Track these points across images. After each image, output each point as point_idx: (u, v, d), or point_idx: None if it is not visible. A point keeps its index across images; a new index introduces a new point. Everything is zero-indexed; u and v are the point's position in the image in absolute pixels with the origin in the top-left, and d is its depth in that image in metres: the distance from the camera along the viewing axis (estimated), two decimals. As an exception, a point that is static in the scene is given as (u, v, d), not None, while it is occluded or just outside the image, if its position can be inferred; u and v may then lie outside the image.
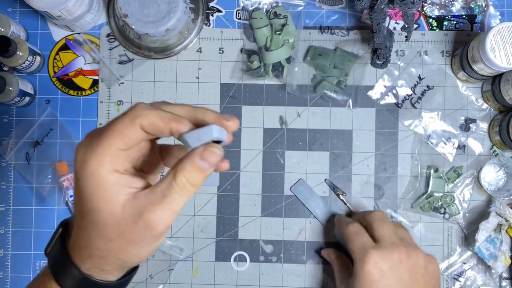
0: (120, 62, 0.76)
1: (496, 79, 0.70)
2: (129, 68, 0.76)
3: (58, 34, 0.77)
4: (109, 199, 0.37)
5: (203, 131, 0.38)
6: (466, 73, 0.71)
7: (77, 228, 0.39)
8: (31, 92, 0.75)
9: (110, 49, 0.76)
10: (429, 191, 0.72)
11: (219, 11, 0.77)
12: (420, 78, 0.75)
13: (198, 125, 0.39)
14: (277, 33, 0.73)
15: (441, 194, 0.72)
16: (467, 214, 0.73)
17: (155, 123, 0.37)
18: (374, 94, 0.75)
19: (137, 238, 0.37)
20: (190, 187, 0.37)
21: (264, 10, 0.75)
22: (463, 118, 0.74)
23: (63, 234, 0.41)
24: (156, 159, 0.43)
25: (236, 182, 0.74)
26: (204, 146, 0.37)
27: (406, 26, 0.68)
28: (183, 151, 0.42)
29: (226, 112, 0.75)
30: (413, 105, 0.75)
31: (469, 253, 0.73)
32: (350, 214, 0.74)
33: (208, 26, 0.77)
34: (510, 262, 0.70)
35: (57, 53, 0.77)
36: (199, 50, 0.76)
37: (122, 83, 0.76)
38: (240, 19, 0.77)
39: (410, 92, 0.75)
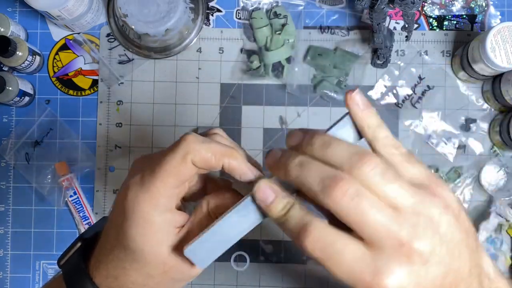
0: (120, 62, 0.76)
1: (496, 79, 0.70)
2: (129, 68, 0.76)
3: (58, 34, 0.77)
4: (158, 242, 0.36)
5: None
6: (467, 73, 0.71)
7: (109, 256, 0.37)
8: (31, 92, 0.75)
9: (110, 49, 0.76)
10: (429, 191, 0.72)
11: (219, 11, 0.77)
12: (420, 78, 0.75)
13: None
14: (277, 33, 0.73)
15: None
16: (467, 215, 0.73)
17: (207, 159, 0.35)
18: (374, 94, 0.75)
19: (181, 278, 0.37)
20: None
21: (264, 10, 0.75)
22: (463, 118, 0.74)
23: (82, 250, 0.40)
24: (200, 189, 0.42)
25: (236, 182, 0.74)
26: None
27: (406, 26, 0.68)
28: (227, 185, 0.41)
29: (226, 112, 0.75)
30: (413, 105, 0.74)
31: (469, 253, 0.73)
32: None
33: (208, 26, 0.77)
34: (511, 262, 0.70)
35: (56, 53, 0.77)
36: (199, 50, 0.76)
37: (122, 83, 0.76)
38: (240, 19, 0.76)
39: (410, 92, 0.75)
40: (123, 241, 0.36)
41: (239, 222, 0.34)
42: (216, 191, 0.39)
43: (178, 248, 0.36)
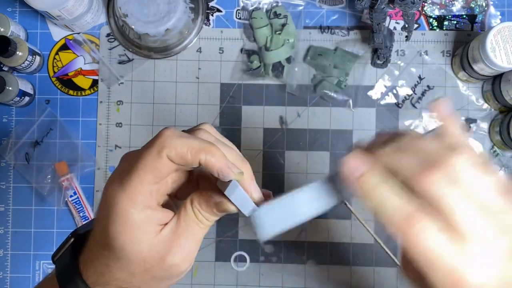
0: (120, 62, 0.76)
1: (496, 79, 0.70)
2: (129, 68, 0.76)
3: (58, 34, 0.77)
4: (137, 240, 0.35)
5: (245, 198, 0.35)
6: (467, 73, 0.71)
7: (95, 253, 0.38)
8: (31, 92, 0.75)
9: (110, 49, 0.76)
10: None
11: (219, 11, 0.77)
12: (420, 78, 0.75)
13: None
14: (277, 33, 0.73)
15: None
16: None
17: (182, 154, 0.34)
18: (374, 94, 0.75)
19: (163, 275, 0.37)
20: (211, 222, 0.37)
21: (264, 10, 0.75)
22: (463, 118, 0.74)
23: (75, 246, 0.40)
24: (193, 186, 0.40)
25: (236, 182, 0.74)
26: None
27: (407, 26, 0.68)
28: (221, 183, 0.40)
29: (226, 112, 0.75)
30: (413, 105, 0.74)
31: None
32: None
33: (208, 26, 0.77)
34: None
35: (56, 53, 0.77)
36: (199, 50, 0.76)
37: (122, 83, 0.76)
38: (240, 19, 0.76)
39: (410, 92, 0.75)
40: (106, 239, 0.36)
41: (312, 200, 0.33)
42: (205, 189, 0.38)
43: (160, 245, 0.36)
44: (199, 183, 0.40)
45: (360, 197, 0.32)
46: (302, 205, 0.33)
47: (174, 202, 0.40)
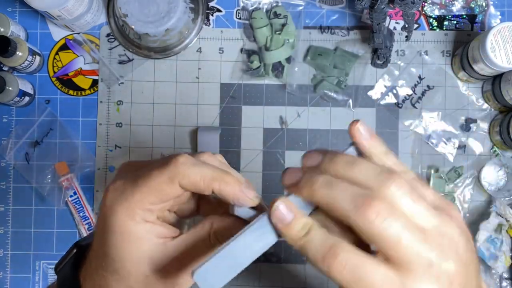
0: (120, 62, 0.76)
1: (496, 79, 0.70)
2: (129, 68, 0.76)
3: (58, 34, 0.77)
4: (136, 251, 0.35)
5: (254, 216, 0.35)
6: (467, 73, 0.71)
7: (94, 265, 0.37)
8: (31, 92, 0.75)
9: (110, 49, 0.76)
10: (429, 191, 0.72)
11: (219, 11, 0.77)
12: (420, 78, 0.75)
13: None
14: (277, 33, 0.73)
15: (442, 194, 0.72)
16: (467, 214, 0.73)
17: (196, 183, 0.34)
18: (374, 94, 0.75)
19: None
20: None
21: (264, 10, 0.75)
22: (463, 118, 0.74)
23: (77, 257, 0.39)
24: (191, 205, 0.41)
25: (236, 182, 0.74)
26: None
27: (407, 26, 0.68)
28: (221, 205, 0.39)
29: (226, 112, 0.75)
30: (413, 105, 0.74)
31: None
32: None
33: (208, 26, 0.77)
34: (511, 262, 0.70)
35: (56, 53, 0.77)
36: (199, 50, 0.76)
37: (122, 83, 0.76)
38: (240, 19, 0.76)
39: (410, 92, 0.75)
40: (105, 248, 0.35)
41: (253, 243, 0.33)
42: (213, 211, 0.38)
43: (163, 262, 0.35)
44: (200, 202, 0.40)
45: (288, 243, 0.32)
46: (244, 251, 0.33)
47: (170, 214, 0.40)
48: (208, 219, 0.37)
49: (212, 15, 0.77)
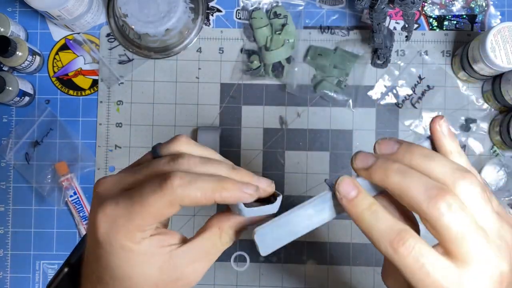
0: (120, 62, 0.76)
1: (496, 79, 0.70)
2: (129, 68, 0.76)
3: (58, 34, 0.77)
4: (143, 266, 0.34)
5: (264, 210, 0.36)
6: (467, 73, 0.71)
7: (98, 286, 0.36)
8: (31, 92, 0.75)
9: (110, 49, 0.76)
10: (429, 191, 0.72)
11: (219, 11, 0.77)
12: (420, 78, 0.75)
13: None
14: (277, 33, 0.73)
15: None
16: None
17: (197, 200, 0.34)
18: (374, 94, 0.75)
19: None
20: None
21: (264, 10, 0.75)
22: (463, 118, 0.74)
23: (71, 277, 0.38)
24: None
25: (236, 182, 0.74)
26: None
27: (407, 26, 0.68)
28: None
29: (226, 112, 0.75)
30: (413, 105, 0.74)
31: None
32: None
33: (208, 26, 0.77)
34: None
35: (56, 53, 0.77)
36: (199, 50, 0.76)
37: (122, 83, 0.76)
38: (240, 19, 0.76)
39: (410, 92, 0.75)
40: (109, 271, 0.35)
41: (312, 216, 0.35)
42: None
43: (171, 268, 0.35)
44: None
45: (352, 218, 0.33)
46: (302, 222, 0.35)
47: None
48: (214, 223, 0.37)
49: (212, 15, 0.77)
